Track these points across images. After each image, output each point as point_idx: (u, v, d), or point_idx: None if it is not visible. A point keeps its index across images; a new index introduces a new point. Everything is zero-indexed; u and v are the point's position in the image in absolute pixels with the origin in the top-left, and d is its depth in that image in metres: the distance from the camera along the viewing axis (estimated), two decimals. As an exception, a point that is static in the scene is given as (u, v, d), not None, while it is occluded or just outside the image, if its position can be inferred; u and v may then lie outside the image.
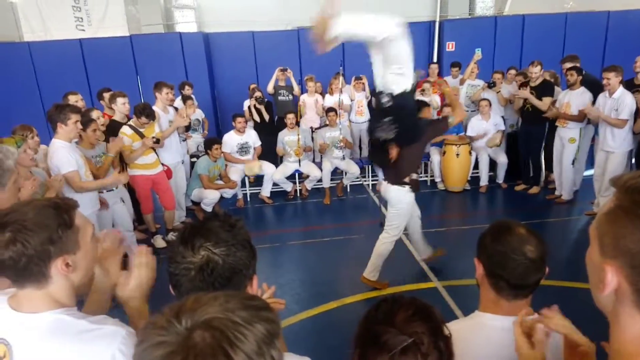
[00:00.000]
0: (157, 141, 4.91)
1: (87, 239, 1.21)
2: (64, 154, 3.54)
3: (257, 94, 6.72)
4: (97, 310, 1.30)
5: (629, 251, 0.66)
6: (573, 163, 5.54)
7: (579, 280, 3.70)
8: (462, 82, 7.10)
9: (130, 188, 4.99)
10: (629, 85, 5.11)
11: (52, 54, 7.99)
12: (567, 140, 5.48)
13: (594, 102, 5.10)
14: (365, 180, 6.92)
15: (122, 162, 4.81)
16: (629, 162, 5.09)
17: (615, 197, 0.71)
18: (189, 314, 0.62)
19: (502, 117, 6.47)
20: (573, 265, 4.25)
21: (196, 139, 6.67)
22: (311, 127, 7.02)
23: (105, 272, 1.35)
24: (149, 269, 1.33)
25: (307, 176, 6.51)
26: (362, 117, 7.35)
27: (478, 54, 6.94)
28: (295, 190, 6.60)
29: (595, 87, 5.19)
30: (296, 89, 7.21)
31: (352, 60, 8.45)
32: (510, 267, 1.25)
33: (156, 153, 4.96)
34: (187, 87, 6.85)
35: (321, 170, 6.38)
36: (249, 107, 6.81)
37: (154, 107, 5.20)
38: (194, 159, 6.16)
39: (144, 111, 4.76)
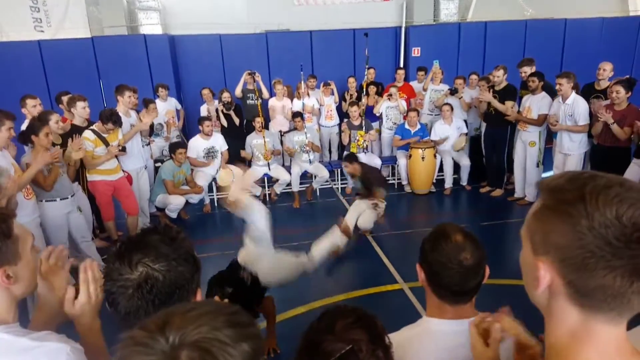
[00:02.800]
0: (124, 149, 4.80)
1: (28, 248, 1.17)
2: None
3: (225, 94, 6.64)
4: (46, 328, 1.24)
5: (557, 245, 0.70)
6: (538, 165, 5.72)
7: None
8: (424, 89, 7.28)
9: (90, 195, 4.83)
10: (589, 89, 5.34)
11: (8, 55, 7.66)
12: (528, 143, 5.67)
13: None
14: (334, 184, 6.95)
15: (82, 168, 4.67)
16: (585, 163, 5.32)
17: (541, 198, 0.75)
18: (176, 332, 0.60)
19: (465, 121, 6.64)
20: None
21: (159, 143, 6.54)
22: (280, 131, 7.00)
23: (50, 289, 1.29)
24: (96, 283, 1.26)
25: (276, 180, 6.48)
26: (332, 121, 7.39)
27: (436, 66, 7.17)
28: (265, 195, 6.56)
29: (552, 91, 5.41)
30: (265, 92, 7.19)
31: (321, 66, 8.52)
32: (447, 275, 1.25)
33: (117, 159, 4.83)
34: (161, 89, 6.73)
35: (290, 174, 6.37)
36: (217, 111, 6.74)
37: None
38: (158, 164, 6.03)
39: (111, 117, 4.63)
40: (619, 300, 0.67)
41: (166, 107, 6.77)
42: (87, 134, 4.58)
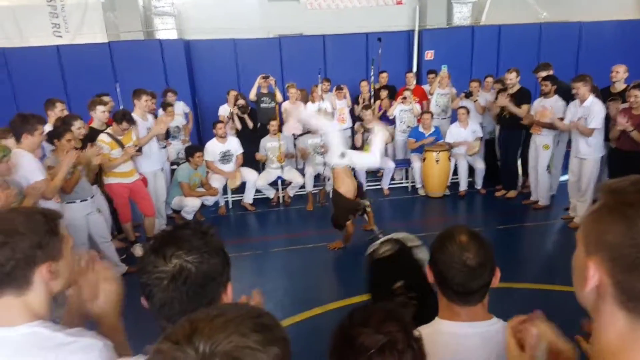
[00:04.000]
0: (140, 149, 4.86)
1: (69, 249, 1.22)
2: (32, 163, 3.47)
3: (240, 101, 6.71)
4: (72, 326, 1.29)
5: (609, 245, 0.70)
6: (548, 169, 5.68)
7: (555, 283, 3.79)
8: (430, 93, 7.31)
9: (108, 197, 4.91)
10: (605, 93, 5.29)
11: (28, 60, 7.83)
12: (541, 146, 5.63)
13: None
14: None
15: (100, 171, 4.75)
16: (602, 168, 5.26)
17: (601, 199, 0.76)
18: (205, 341, 0.60)
19: (481, 124, 6.62)
20: (548, 268, 4.36)
21: (176, 146, 6.62)
22: (293, 134, 7.04)
23: (79, 292, 1.33)
24: (111, 284, 1.31)
25: (290, 183, 6.51)
26: (344, 124, 7.41)
27: (444, 71, 7.20)
28: (278, 197, 6.60)
29: (569, 94, 5.36)
30: (278, 96, 7.24)
31: (334, 70, 8.55)
32: (450, 275, 1.27)
33: (134, 160, 4.89)
34: (169, 94, 6.81)
35: (304, 176, 6.40)
36: (232, 114, 6.80)
37: (132, 115, 5.16)
38: (174, 167, 6.10)
39: (125, 117, 4.70)
40: None
41: (176, 110, 6.81)
42: (103, 137, 4.65)
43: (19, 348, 1.09)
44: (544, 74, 5.71)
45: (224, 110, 7.00)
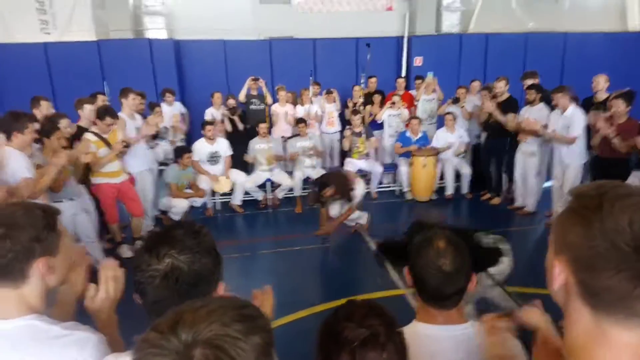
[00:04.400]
0: (127, 145, 4.81)
1: (66, 245, 1.24)
2: (20, 160, 3.43)
3: (230, 101, 6.70)
4: (63, 320, 1.30)
5: (571, 245, 0.75)
6: (539, 175, 5.79)
7: (538, 286, 3.87)
8: (416, 99, 7.41)
9: (95, 197, 4.86)
10: (588, 103, 5.43)
11: (14, 57, 7.71)
12: (528, 154, 5.74)
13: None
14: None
15: (87, 170, 4.71)
16: (585, 174, 5.39)
17: (568, 202, 0.80)
18: (188, 330, 0.62)
19: (467, 130, 6.73)
20: (533, 272, 4.44)
21: (164, 147, 6.58)
22: (282, 137, 7.06)
23: (70, 284, 1.36)
24: (117, 281, 1.34)
25: (279, 185, 6.52)
26: (333, 127, 7.46)
27: (429, 77, 7.35)
28: (267, 199, 6.60)
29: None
30: (268, 98, 7.26)
31: (324, 73, 8.60)
32: (425, 279, 1.31)
33: (120, 160, 4.85)
34: (167, 95, 6.80)
35: (292, 179, 6.42)
36: (222, 116, 6.78)
37: (120, 114, 5.13)
38: (162, 167, 6.07)
39: (107, 112, 4.64)
40: (623, 303, 0.71)
41: (172, 111, 6.82)
42: (89, 136, 4.58)
43: (15, 340, 1.10)
44: (529, 82, 5.83)
45: (210, 113, 7.00)
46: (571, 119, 5.04)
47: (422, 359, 1.28)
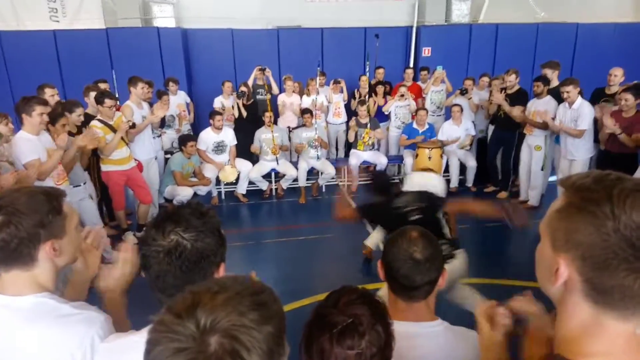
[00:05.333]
0: (133, 125, 4.85)
1: (73, 226, 1.27)
2: (25, 144, 3.51)
3: (243, 88, 6.68)
4: (76, 300, 1.35)
5: (580, 244, 0.72)
6: (542, 169, 5.74)
7: (535, 279, 3.87)
8: (425, 92, 7.35)
9: (102, 184, 4.93)
10: (599, 94, 5.35)
11: (24, 44, 7.77)
12: (534, 147, 5.69)
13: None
14: (340, 181, 7.01)
15: (93, 157, 4.77)
16: (591, 168, 5.33)
17: (566, 196, 0.77)
18: (207, 316, 0.64)
19: (473, 122, 6.68)
20: (530, 265, 4.43)
21: (170, 135, 6.63)
22: (288, 127, 7.07)
23: (85, 266, 1.41)
24: (132, 265, 1.38)
25: (284, 175, 6.55)
26: (340, 118, 7.45)
27: (438, 71, 7.25)
28: (271, 189, 6.63)
29: (559, 96, 5.44)
30: (275, 88, 7.25)
31: (331, 63, 8.56)
32: (396, 267, 1.35)
33: (129, 147, 4.90)
34: (171, 83, 6.82)
35: (297, 169, 6.44)
36: (233, 105, 6.76)
37: (128, 102, 5.17)
38: (168, 155, 6.12)
39: (104, 95, 4.65)
40: (636, 300, 0.70)
41: (176, 100, 6.85)
42: (94, 123, 4.61)
43: (27, 316, 1.16)
44: (549, 71, 5.72)
45: (219, 102, 7.01)
46: (579, 112, 4.98)
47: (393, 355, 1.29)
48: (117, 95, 5.79)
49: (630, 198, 0.68)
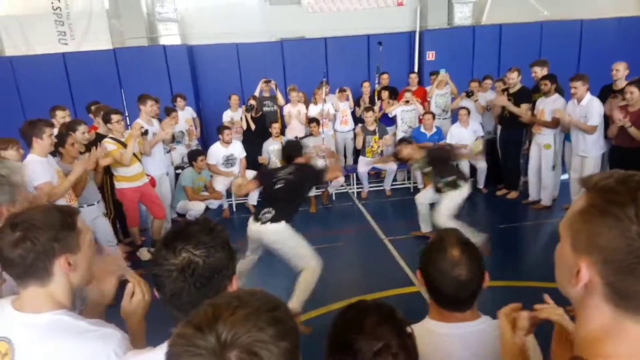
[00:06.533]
0: (146, 132, 4.90)
1: (87, 242, 1.31)
2: (36, 167, 3.54)
3: (251, 102, 6.75)
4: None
5: (603, 248, 0.70)
6: (553, 168, 5.69)
7: (550, 281, 3.82)
8: (429, 96, 7.36)
9: (115, 201, 4.99)
10: (607, 91, 5.32)
11: (34, 68, 7.96)
12: (543, 146, 5.64)
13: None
14: (350, 189, 7.01)
15: (106, 175, 4.83)
16: (603, 164, 5.28)
17: (588, 196, 0.75)
18: (227, 331, 0.65)
19: (480, 124, 6.65)
20: (545, 267, 4.38)
21: (180, 151, 6.71)
22: (296, 137, 7.10)
23: (100, 293, 1.44)
24: (148, 292, 1.41)
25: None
26: (347, 126, 7.47)
27: (442, 74, 7.27)
28: (281, 200, 6.64)
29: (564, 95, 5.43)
30: (280, 99, 7.31)
31: (336, 72, 8.61)
32: (441, 288, 1.32)
33: (141, 163, 4.96)
34: (179, 99, 6.92)
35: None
36: (242, 117, 6.83)
37: (138, 120, 5.24)
38: (178, 171, 6.19)
39: (109, 113, 4.70)
40: None
41: (185, 116, 6.95)
42: (107, 142, 4.64)
43: (44, 333, 1.18)
44: (538, 70, 5.72)
45: (228, 116, 7.07)
46: (587, 108, 4.94)
47: (436, 356, 1.29)
48: (126, 114, 5.86)
49: None
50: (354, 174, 6.78)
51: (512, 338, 1.17)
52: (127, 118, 5.25)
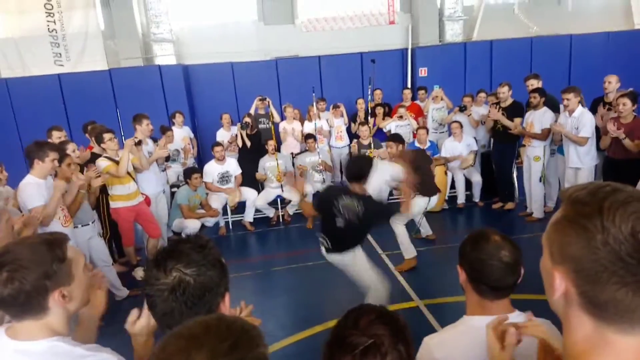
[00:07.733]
0: (140, 142, 4.90)
1: (80, 269, 1.28)
2: (32, 190, 3.52)
3: (246, 119, 6.79)
4: (86, 341, 1.35)
5: (572, 257, 0.72)
6: (541, 180, 5.73)
7: (541, 293, 3.81)
8: (425, 111, 7.46)
9: (111, 221, 4.96)
10: (598, 103, 5.40)
11: (30, 89, 8.00)
12: (532, 158, 5.70)
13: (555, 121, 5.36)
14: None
15: (101, 195, 4.82)
16: (596, 176, 5.31)
17: (562, 208, 0.77)
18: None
19: (474, 137, 6.72)
20: (537, 278, 4.37)
21: (176, 169, 6.71)
22: (291, 153, 7.14)
23: (90, 307, 1.42)
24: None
25: (290, 201, 6.57)
26: (342, 142, 7.52)
27: (436, 90, 7.39)
28: (278, 216, 6.64)
29: (557, 108, 5.48)
30: (276, 116, 7.36)
31: (330, 89, 8.71)
32: (488, 272, 1.38)
33: (136, 182, 4.95)
34: (177, 115, 6.97)
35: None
36: (237, 135, 6.87)
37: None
38: (174, 189, 6.18)
39: (102, 131, 4.71)
40: (630, 314, 0.69)
41: (182, 134, 6.97)
42: (101, 161, 4.64)
43: (41, 359, 1.16)
44: (535, 82, 5.80)
45: (222, 135, 7.11)
46: (580, 120, 4.99)
47: (479, 349, 1.29)
48: (122, 133, 5.87)
49: (620, 210, 0.67)
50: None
51: (501, 353, 1.18)
52: (123, 137, 5.22)
